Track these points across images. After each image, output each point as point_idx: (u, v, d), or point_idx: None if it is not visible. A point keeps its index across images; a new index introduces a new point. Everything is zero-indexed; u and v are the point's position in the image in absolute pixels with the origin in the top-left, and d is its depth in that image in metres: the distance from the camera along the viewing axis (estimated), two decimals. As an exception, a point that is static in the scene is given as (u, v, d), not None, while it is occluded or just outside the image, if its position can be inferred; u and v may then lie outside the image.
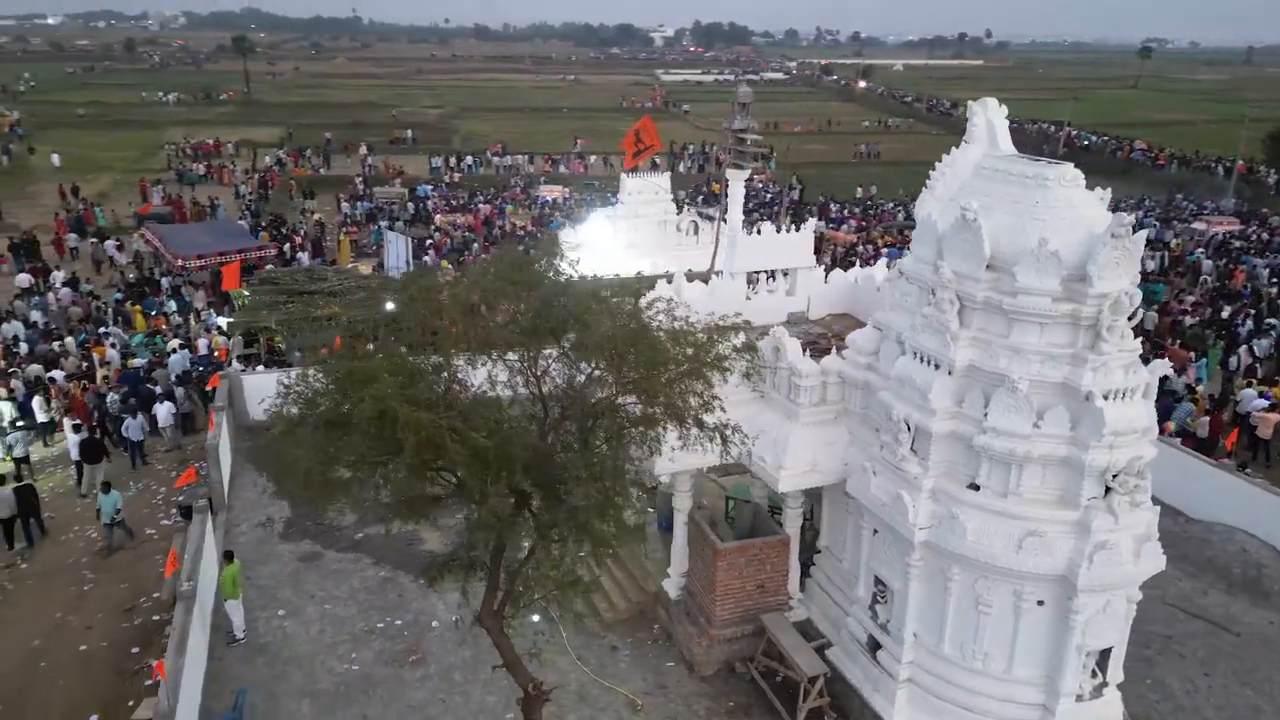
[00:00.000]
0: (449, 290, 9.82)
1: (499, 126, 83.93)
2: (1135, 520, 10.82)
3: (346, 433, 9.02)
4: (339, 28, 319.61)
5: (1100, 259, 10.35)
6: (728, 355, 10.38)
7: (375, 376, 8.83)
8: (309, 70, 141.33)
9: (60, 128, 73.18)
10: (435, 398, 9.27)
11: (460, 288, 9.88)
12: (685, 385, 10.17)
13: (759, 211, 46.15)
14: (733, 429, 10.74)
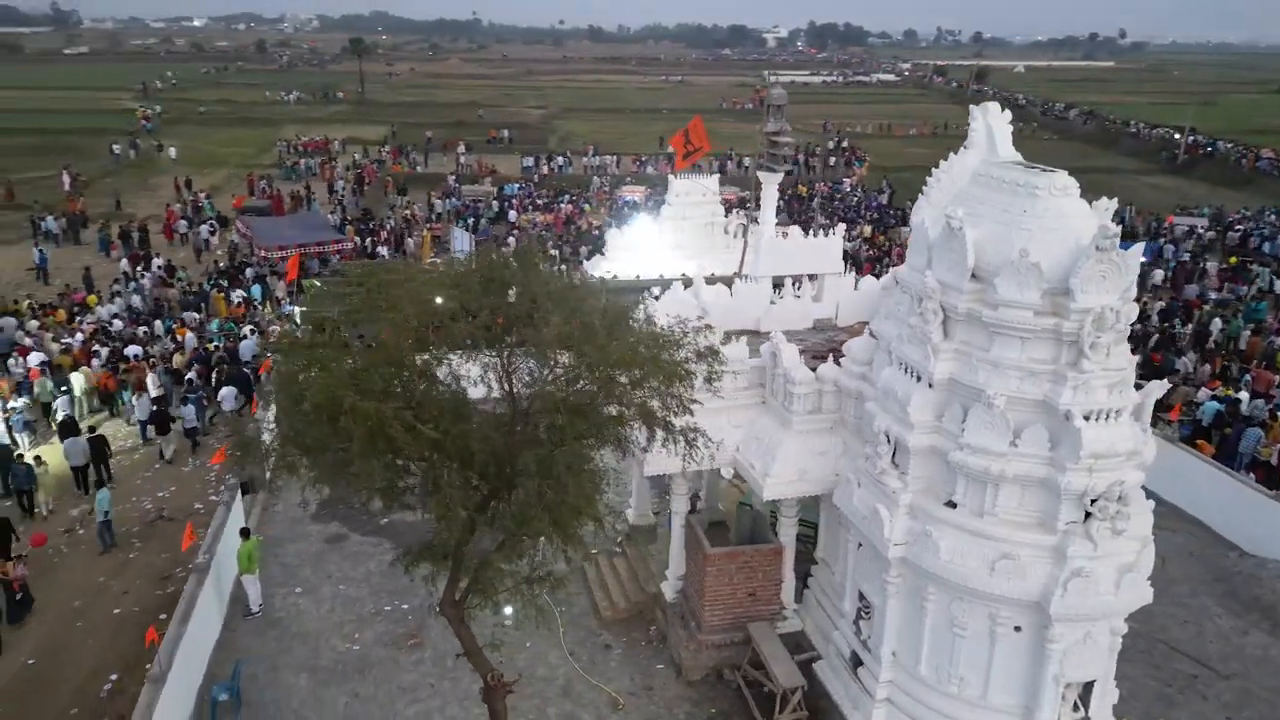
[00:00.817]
0: (406, 285, 10.10)
1: (597, 127, 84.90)
2: (1117, 549, 10.27)
3: (304, 418, 9.43)
4: (459, 30, 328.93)
5: (1083, 272, 9.88)
6: (688, 358, 10.37)
7: (325, 364, 9.21)
8: (424, 71, 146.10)
9: (187, 124, 77.89)
10: (388, 388, 9.56)
11: (419, 283, 10.14)
12: (651, 386, 10.22)
13: (840, 216, 45.41)
14: (699, 433, 10.75)
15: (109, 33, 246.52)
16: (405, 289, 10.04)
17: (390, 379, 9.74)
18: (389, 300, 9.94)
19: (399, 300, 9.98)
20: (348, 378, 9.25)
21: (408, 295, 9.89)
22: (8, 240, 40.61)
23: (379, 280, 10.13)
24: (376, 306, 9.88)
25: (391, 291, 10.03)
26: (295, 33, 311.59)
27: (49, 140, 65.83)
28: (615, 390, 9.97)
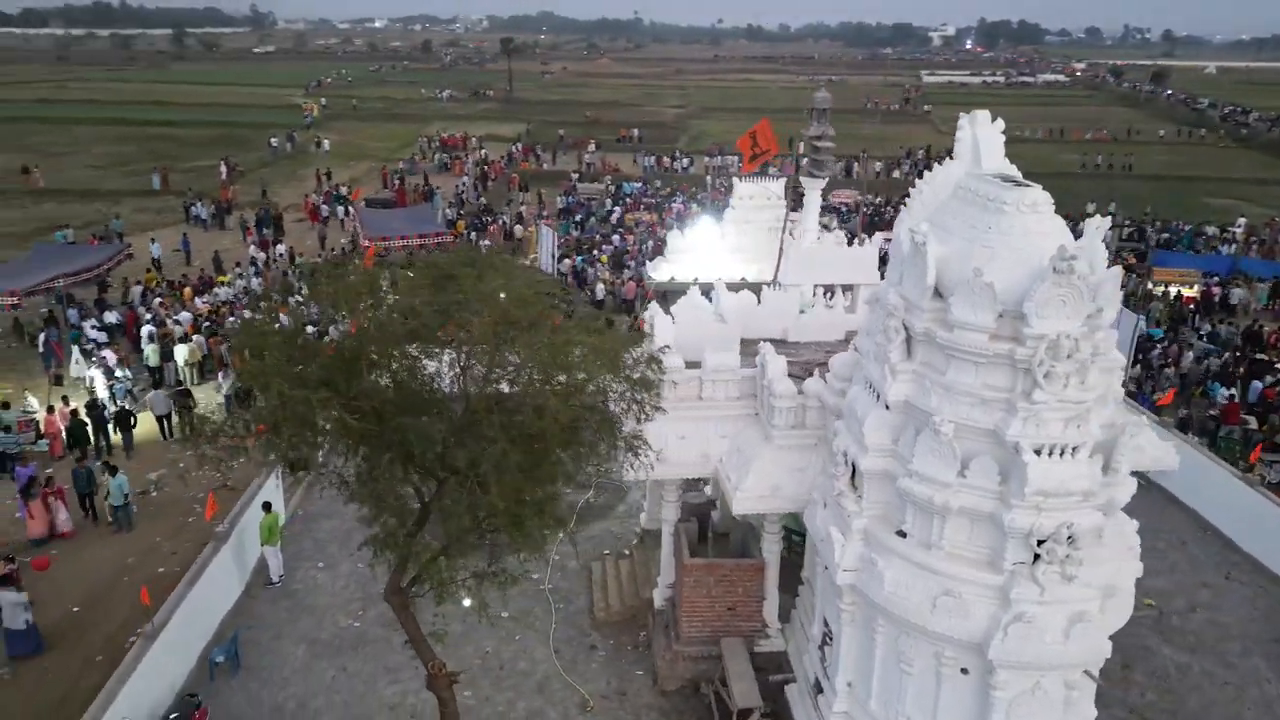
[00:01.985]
0: (351, 280, 10.47)
1: (731, 127, 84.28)
2: (1068, 596, 9.50)
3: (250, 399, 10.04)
4: (620, 29, 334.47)
5: (1038, 295, 9.19)
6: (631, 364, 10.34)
7: (264, 348, 9.75)
8: (575, 70, 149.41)
9: (345, 119, 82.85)
10: (328, 378, 9.99)
11: (362, 280, 10.51)
12: (592, 390, 10.28)
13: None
14: (642, 441, 10.72)
15: (297, 33, 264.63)
16: (358, 285, 10.46)
17: (333, 369, 10.17)
18: (346, 296, 10.39)
19: (356, 295, 10.42)
20: (284, 363, 9.74)
21: (357, 291, 10.31)
22: (166, 223, 44.53)
23: (329, 274, 10.55)
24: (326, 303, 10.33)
25: (352, 288, 10.46)
26: (465, 33, 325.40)
27: (223, 132, 71.75)
28: (558, 390, 10.07)
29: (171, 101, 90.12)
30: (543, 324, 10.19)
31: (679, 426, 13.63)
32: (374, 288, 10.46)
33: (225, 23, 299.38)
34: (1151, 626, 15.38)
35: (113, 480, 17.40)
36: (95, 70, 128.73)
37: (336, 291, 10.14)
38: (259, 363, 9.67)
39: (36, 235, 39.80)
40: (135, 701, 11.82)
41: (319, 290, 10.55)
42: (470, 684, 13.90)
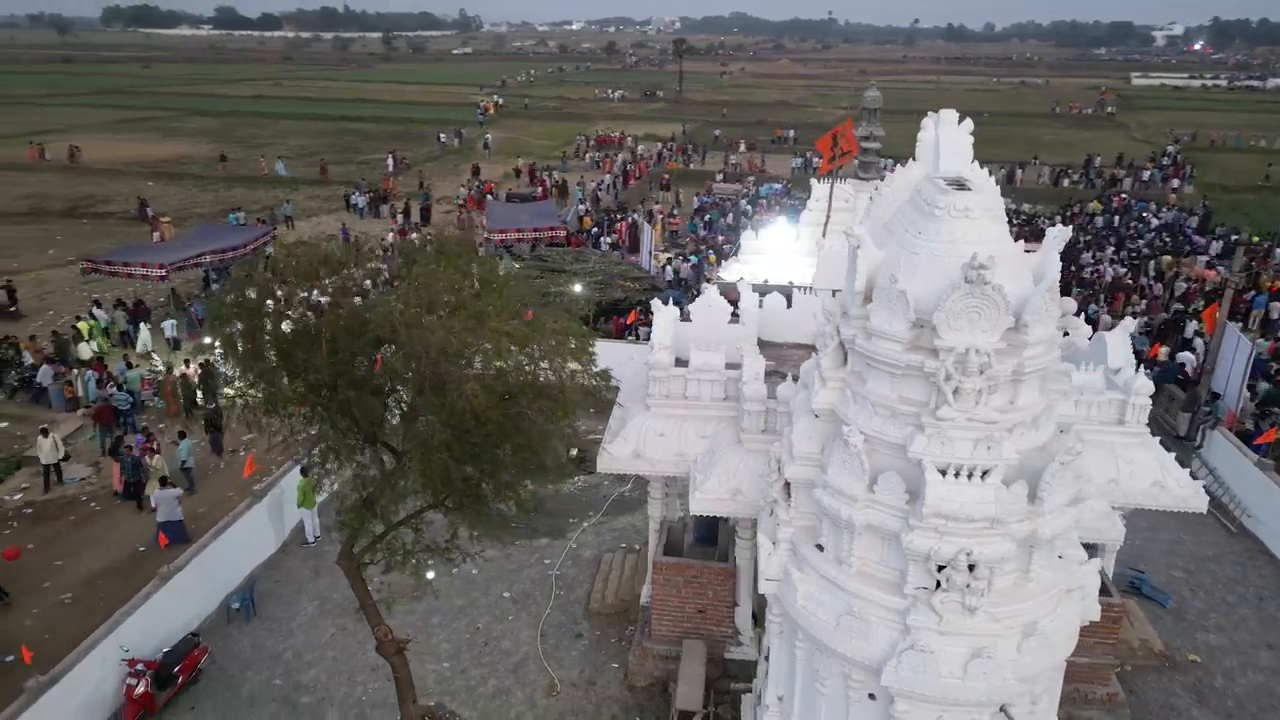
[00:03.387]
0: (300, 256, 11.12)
1: (896, 129, 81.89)
2: (971, 628, 8.84)
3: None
4: (811, 30, 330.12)
5: (948, 306, 8.62)
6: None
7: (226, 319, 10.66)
8: (752, 71, 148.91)
9: (517, 117, 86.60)
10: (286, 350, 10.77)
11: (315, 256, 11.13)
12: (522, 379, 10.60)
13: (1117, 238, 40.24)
14: (574, 437, 10.92)
15: (498, 35, 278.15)
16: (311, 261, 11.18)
17: (293, 344, 10.93)
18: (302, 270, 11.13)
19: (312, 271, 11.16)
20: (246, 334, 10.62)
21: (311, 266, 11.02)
22: (329, 210, 48.31)
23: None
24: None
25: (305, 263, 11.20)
26: (657, 34, 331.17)
27: (403, 128, 76.84)
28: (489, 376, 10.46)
29: (366, 99, 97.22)
30: (483, 310, 10.53)
31: (659, 423, 13.66)
32: (329, 264, 11.10)
33: (436, 26, 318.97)
34: (1189, 684, 13.93)
35: (182, 443, 19.20)
36: (312, 70, 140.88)
37: (289, 267, 10.85)
38: (220, 331, 10.57)
39: (220, 216, 44.28)
40: (141, 634, 13.17)
41: (275, 263, 11.29)
42: (453, 656, 14.54)
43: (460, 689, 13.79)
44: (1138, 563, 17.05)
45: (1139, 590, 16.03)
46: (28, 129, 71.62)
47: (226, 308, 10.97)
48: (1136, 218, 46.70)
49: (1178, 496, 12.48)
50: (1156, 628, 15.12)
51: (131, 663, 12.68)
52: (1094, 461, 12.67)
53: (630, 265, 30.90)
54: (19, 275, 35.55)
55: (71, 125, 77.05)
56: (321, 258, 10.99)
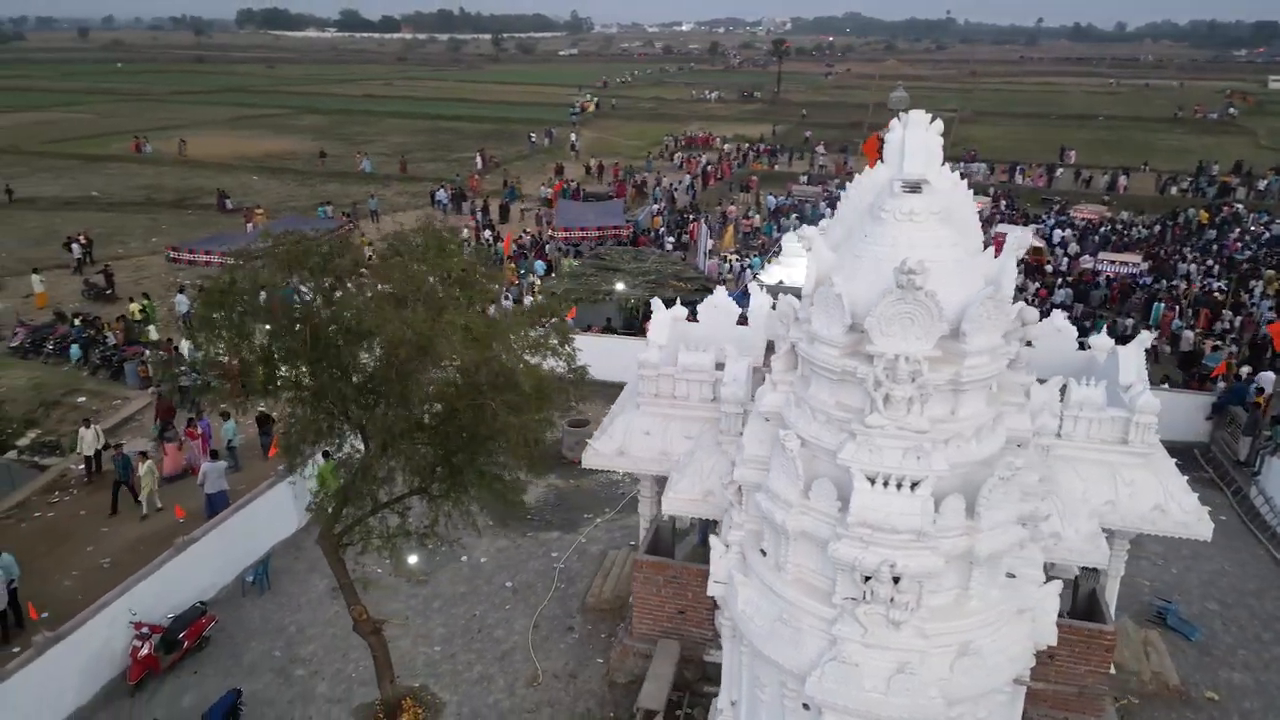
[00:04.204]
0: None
1: (1001, 133, 79.35)
2: (896, 642, 8.59)
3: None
4: (928, 30, 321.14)
5: (879, 310, 8.40)
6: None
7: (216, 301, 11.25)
8: (859, 72, 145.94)
9: (610, 118, 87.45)
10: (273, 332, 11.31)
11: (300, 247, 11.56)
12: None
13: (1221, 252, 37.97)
14: (526, 432, 11.10)
15: (606, 36, 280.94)
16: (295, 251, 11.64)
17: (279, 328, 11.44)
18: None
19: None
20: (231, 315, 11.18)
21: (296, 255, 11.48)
22: (414, 206, 49.91)
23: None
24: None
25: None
26: (767, 35, 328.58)
27: (498, 127, 78.63)
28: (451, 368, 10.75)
29: (467, 99, 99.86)
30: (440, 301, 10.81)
31: (646, 422, 13.69)
32: (313, 254, 11.53)
33: (548, 28, 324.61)
34: (1200, 723, 13.12)
35: (226, 424, 20.15)
36: (422, 71, 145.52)
37: (273, 255, 11.34)
38: (205, 311, 11.17)
39: (311, 210, 46.34)
40: (154, 599, 13.99)
41: (268, 252, 11.78)
42: (446, 640, 14.91)
43: (446, 672, 14.13)
44: (1172, 592, 16.14)
45: (1164, 620, 15.16)
46: (154, 124, 76.50)
47: (218, 294, 11.57)
48: (1246, 230, 43.87)
49: (1179, 522, 11.78)
50: (1177, 661, 14.28)
51: (138, 625, 13.48)
52: (1092, 481, 12.09)
53: (687, 266, 30.86)
54: (122, 260, 38.11)
55: (194, 121, 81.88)
56: (303, 249, 11.45)
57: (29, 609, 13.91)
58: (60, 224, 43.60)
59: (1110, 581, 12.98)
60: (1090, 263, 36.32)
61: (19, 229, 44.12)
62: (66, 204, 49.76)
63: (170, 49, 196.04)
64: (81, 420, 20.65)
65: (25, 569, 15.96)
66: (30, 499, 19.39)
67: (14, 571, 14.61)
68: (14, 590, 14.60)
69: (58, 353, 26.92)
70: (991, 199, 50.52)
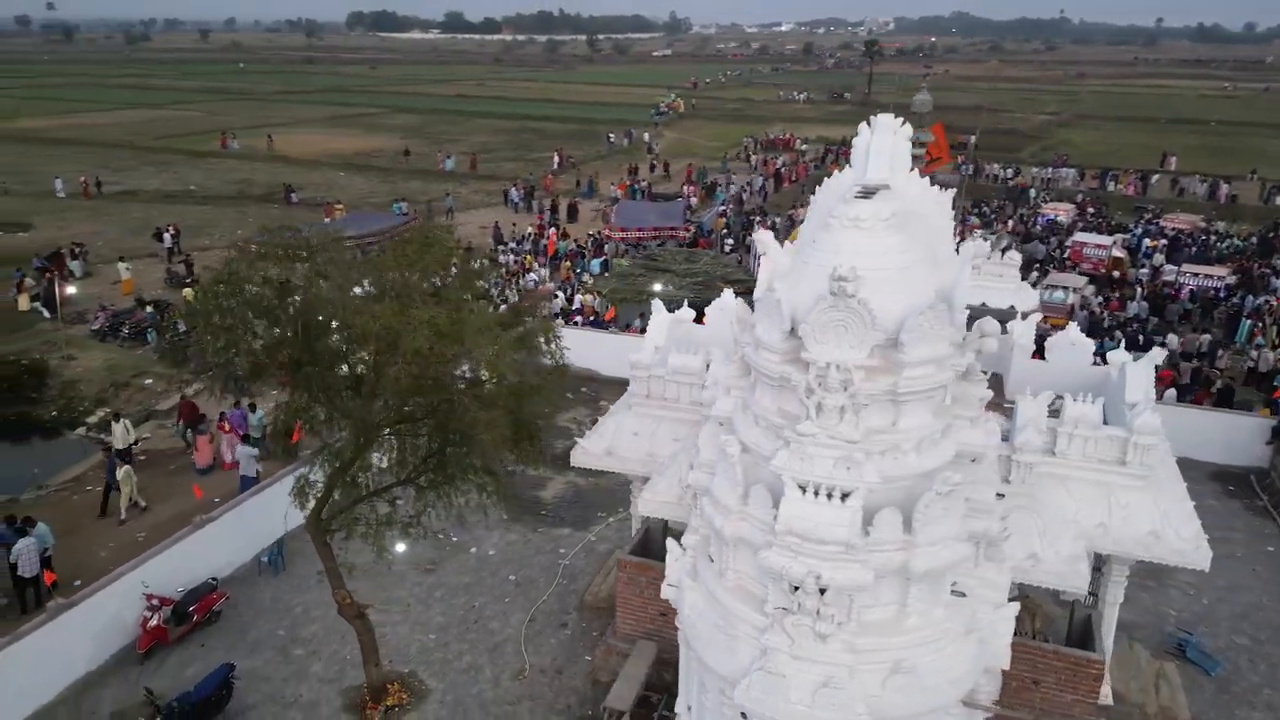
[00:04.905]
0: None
1: (1099, 137, 76.07)
2: (820, 655, 8.42)
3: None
4: (1039, 30, 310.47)
5: (813, 317, 8.26)
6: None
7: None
8: (959, 74, 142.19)
9: (693, 119, 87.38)
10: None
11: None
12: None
13: None
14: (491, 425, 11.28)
15: (704, 37, 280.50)
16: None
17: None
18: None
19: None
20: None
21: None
22: (488, 204, 50.95)
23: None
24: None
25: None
26: (869, 35, 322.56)
27: (581, 128, 79.46)
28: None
29: (555, 99, 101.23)
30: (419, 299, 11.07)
31: (636, 422, 13.70)
32: (301, 246, 11.92)
33: (646, 28, 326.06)
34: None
35: (253, 415, 20.90)
36: (517, 71, 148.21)
37: (261, 246, 11.78)
38: (202, 296, 11.69)
39: (389, 206, 47.77)
40: (169, 573, 14.72)
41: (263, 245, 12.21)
42: (442, 629, 15.23)
43: (438, 660, 14.43)
44: (1199, 624, 15.30)
45: (1183, 653, 14.37)
46: (256, 122, 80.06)
47: (213, 285, 12.10)
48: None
49: (1175, 549, 11.16)
50: (1192, 696, 13.51)
51: (149, 597, 14.20)
52: (1084, 502, 11.56)
53: (740, 268, 30.66)
54: (207, 251, 40.01)
55: (295, 119, 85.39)
56: (289, 242, 11.85)
57: (45, 576, 14.80)
58: (157, 215, 46.01)
59: (1108, 609, 12.39)
60: (1172, 275, 34.51)
61: (121, 219, 46.81)
62: (166, 196, 52.53)
63: (283, 50, 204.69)
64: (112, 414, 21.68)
65: (68, 539, 17.04)
66: (86, 473, 20.61)
67: (48, 540, 15.53)
68: (48, 558, 15.53)
69: (134, 337, 28.51)
70: (1078, 206, 48.57)
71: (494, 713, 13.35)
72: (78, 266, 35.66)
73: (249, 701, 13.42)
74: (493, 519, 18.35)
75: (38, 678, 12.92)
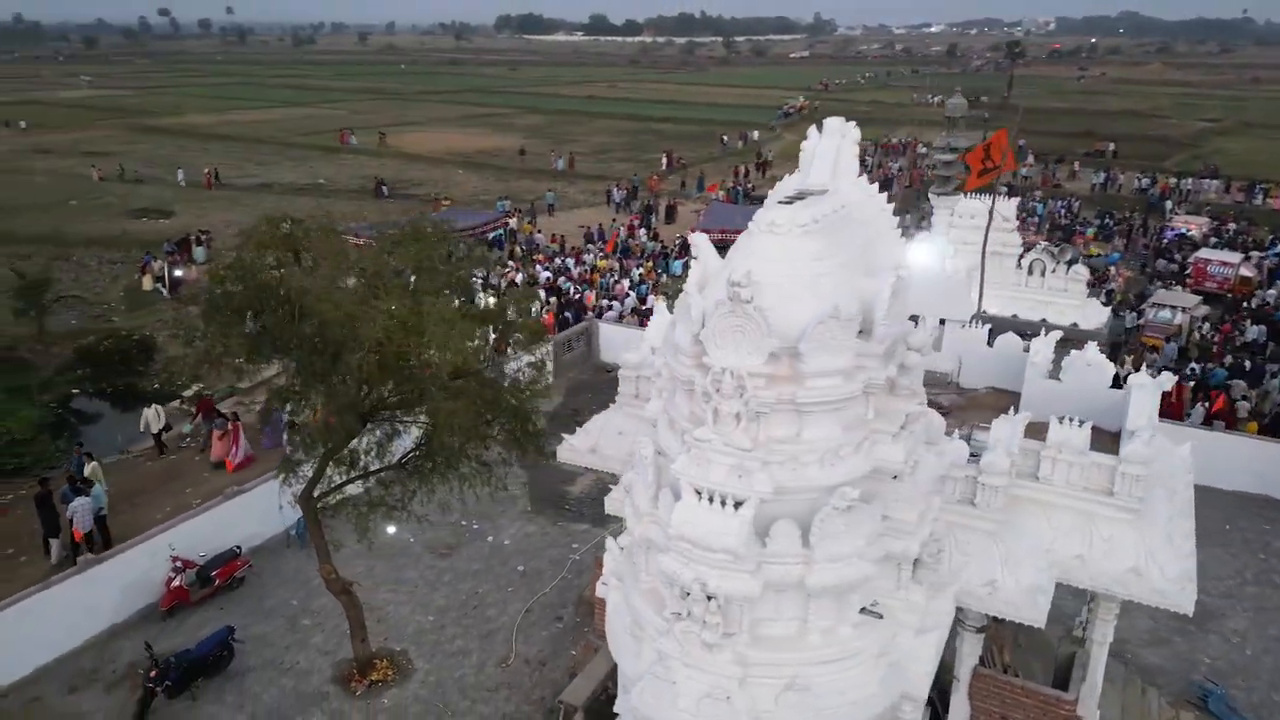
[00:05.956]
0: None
1: (1261, 146, 70.20)
2: (707, 664, 8.28)
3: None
4: (1219, 31, 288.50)
5: (712, 323, 8.12)
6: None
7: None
8: (1118, 76, 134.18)
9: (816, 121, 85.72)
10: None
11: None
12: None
13: None
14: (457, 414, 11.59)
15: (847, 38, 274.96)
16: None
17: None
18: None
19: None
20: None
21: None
22: (590, 203, 51.78)
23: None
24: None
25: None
26: (1027, 36, 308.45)
27: (699, 129, 79.49)
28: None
29: (681, 100, 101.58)
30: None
31: (623, 421, 13.67)
32: (296, 238, 12.53)
33: (789, 30, 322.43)
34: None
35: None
36: (650, 73, 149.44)
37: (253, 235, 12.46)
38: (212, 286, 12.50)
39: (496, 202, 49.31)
40: (193, 538, 15.77)
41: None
42: (442, 612, 15.71)
43: (430, 642, 14.90)
44: (1237, 675, 14.07)
45: (1205, 704, 13.25)
46: (394, 120, 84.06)
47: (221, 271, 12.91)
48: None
49: (1156, 589, 10.28)
50: (1207, 754, 12.47)
51: (174, 559, 15.28)
52: (1063, 532, 10.84)
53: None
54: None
55: (429, 118, 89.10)
56: (283, 233, 12.50)
57: (74, 533, 16.12)
58: (285, 207, 49.01)
59: (1096, 648, 11.56)
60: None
61: (253, 209, 50.03)
62: (297, 190, 55.91)
63: (433, 52, 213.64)
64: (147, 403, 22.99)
65: (129, 501, 18.53)
66: (164, 441, 22.25)
67: (102, 501, 16.92)
68: (103, 517, 16.92)
69: (235, 319, 30.52)
70: (1215, 220, 45.01)
71: (471, 696, 13.69)
72: (201, 252, 38.42)
73: (249, 664, 14.24)
74: (516, 509, 18.89)
75: (67, 625, 14.13)
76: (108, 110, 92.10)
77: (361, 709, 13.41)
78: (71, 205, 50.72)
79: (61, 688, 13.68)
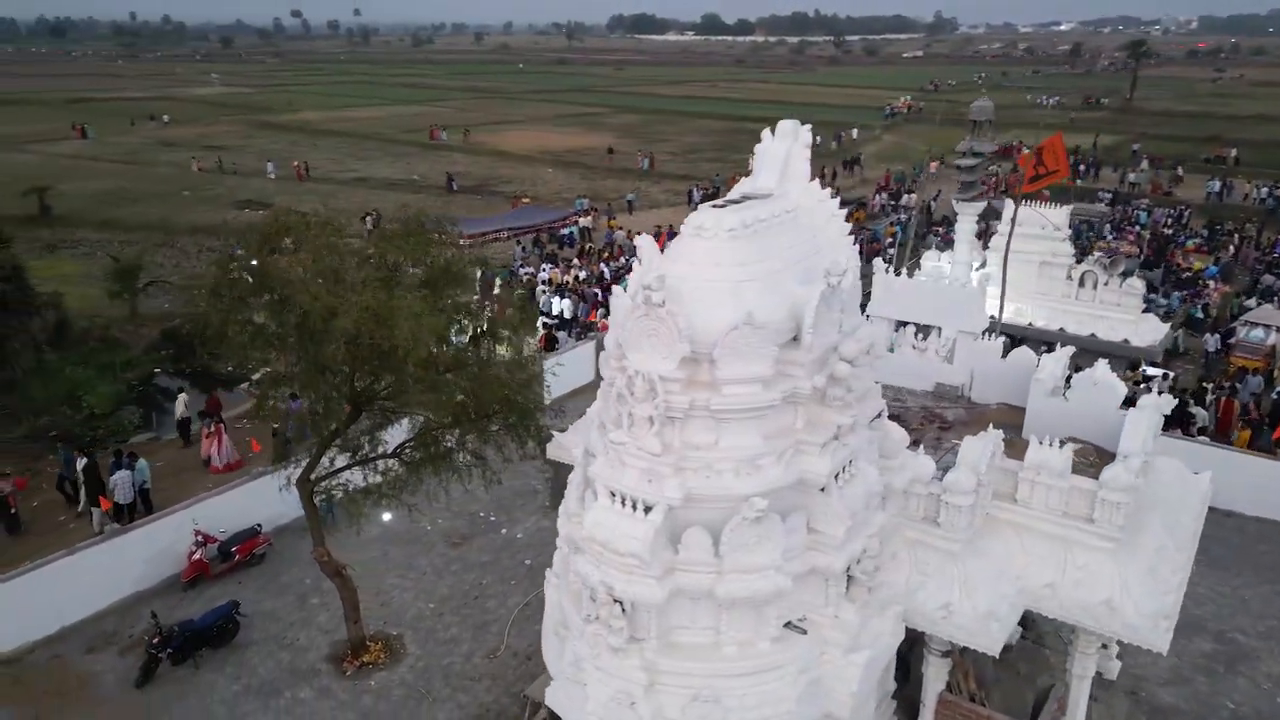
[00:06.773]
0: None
1: None
2: (614, 668, 8.24)
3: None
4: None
5: (629, 326, 8.06)
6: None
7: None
8: (1258, 78, 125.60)
9: (920, 123, 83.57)
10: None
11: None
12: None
13: None
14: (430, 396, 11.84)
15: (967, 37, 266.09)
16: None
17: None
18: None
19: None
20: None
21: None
22: (670, 203, 51.76)
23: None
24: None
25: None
26: (1167, 35, 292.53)
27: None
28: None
29: (781, 100, 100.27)
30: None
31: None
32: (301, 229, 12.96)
33: (907, 29, 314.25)
34: None
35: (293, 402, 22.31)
36: (755, 73, 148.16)
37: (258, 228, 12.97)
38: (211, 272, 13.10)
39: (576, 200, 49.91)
40: (218, 515, 16.54)
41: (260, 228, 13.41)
42: (443, 600, 16.03)
43: (425, 628, 15.23)
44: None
45: (1216, 754, 12.35)
46: (495, 118, 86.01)
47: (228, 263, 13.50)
48: None
49: (1128, 624, 9.66)
50: (1210, 805, 11.63)
51: (197, 533, 16.07)
52: (1036, 558, 10.29)
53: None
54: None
55: (528, 117, 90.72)
56: (285, 225, 12.95)
57: (102, 503, 17.09)
58: (376, 200, 50.80)
59: (1076, 683, 10.92)
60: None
61: (347, 202, 52.08)
62: (390, 184, 57.77)
63: (545, 52, 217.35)
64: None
65: (177, 476, 19.57)
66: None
67: (145, 474, 17.94)
68: (146, 490, 17.94)
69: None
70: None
71: (454, 684, 13.93)
72: (287, 242, 40.17)
73: (253, 638, 14.87)
74: (536, 504, 19.10)
75: (92, 589, 15.05)
76: (232, 107, 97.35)
77: (348, 688, 13.82)
78: (184, 195, 53.81)
79: (81, 647, 14.59)
